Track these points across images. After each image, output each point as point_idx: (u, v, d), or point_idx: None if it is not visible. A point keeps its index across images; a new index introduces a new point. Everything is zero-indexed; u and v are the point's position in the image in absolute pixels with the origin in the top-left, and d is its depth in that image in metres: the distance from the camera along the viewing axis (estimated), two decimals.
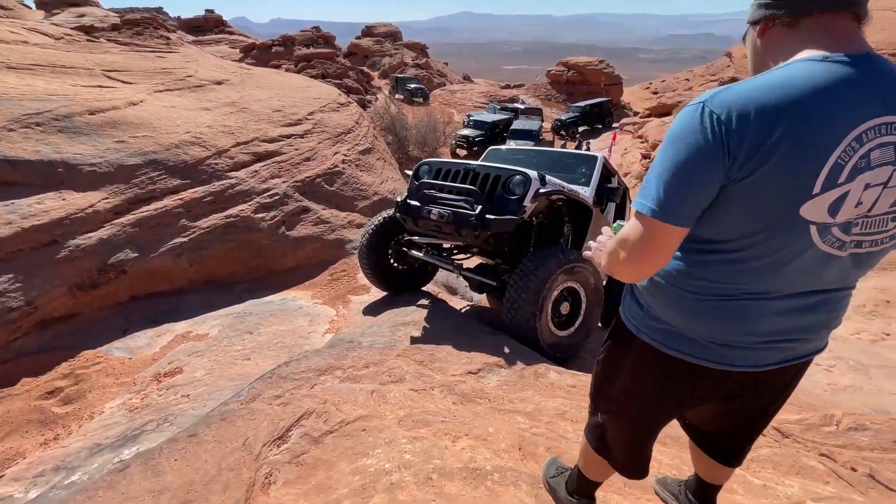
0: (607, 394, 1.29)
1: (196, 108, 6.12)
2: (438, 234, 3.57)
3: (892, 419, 2.49)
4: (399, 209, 3.58)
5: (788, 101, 0.80)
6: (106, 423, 3.00)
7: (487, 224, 3.15)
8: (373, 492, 1.72)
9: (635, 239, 0.94)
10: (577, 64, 43.88)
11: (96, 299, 4.22)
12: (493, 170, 3.46)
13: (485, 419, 2.25)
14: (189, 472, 1.94)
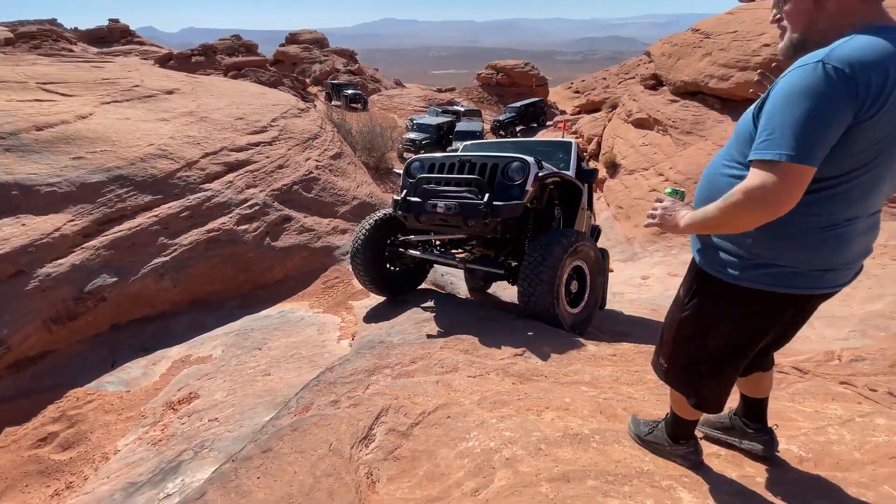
0: (702, 347, 1.37)
1: (153, 120, 5.67)
2: (443, 227, 3.54)
3: (881, 349, 2.91)
4: (400, 206, 3.53)
5: (889, 56, 0.98)
6: (129, 461, 2.73)
7: (497, 211, 3.18)
8: (491, 469, 1.75)
9: (771, 184, 1.04)
10: (505, 67, 45.63)
11: (74, 332, 3.80)
12: (489, 159, 3.47)
13: (554, 392, 2.34)
14: (280, 486, 1.85)
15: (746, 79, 13.15)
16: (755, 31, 13.51)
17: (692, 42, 15.76)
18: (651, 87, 17.83)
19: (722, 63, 13.92)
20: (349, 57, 50.88)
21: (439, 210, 3.31)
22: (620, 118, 18.29)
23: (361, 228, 3.98)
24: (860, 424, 1.95)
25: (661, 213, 1.27)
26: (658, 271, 9.80)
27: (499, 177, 3.37)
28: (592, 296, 3.74)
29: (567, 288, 3.49)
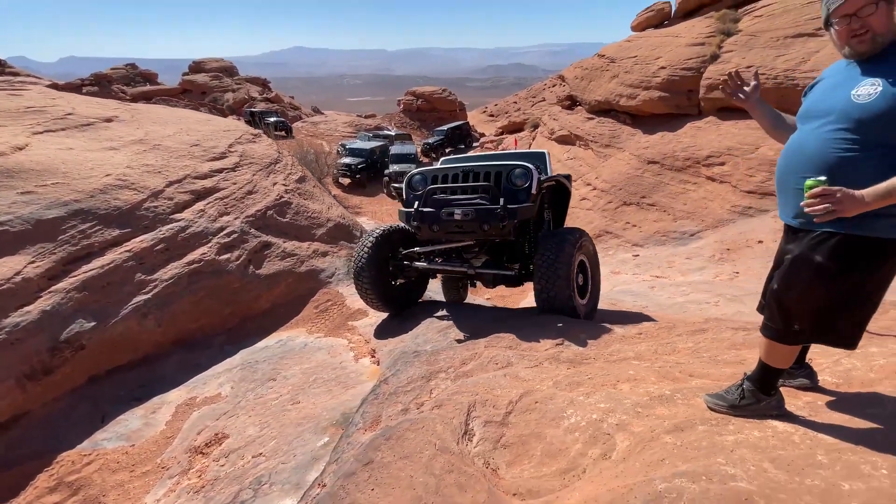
0: (865, 301, 1.51)
1: (100, 149, 5.16)
2: (456, 234, 3.63)
3: None
4: (414, 218, 3.59)
5: None
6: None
7: (514, 213, 3.33)
8: (607, 436, 1.89)
9: None
10: (425, 93, 47.19)
11: (51, 388, 3.32)
12: (491, 167, 3.61)
13: (613, 369, 2.55)
14: (402, 491, 1.83)
15: (650, 97, 14.99)
16: (652, 55, 15.51)
17: (600, 66, 17.63)
18: (568, 108, 19.54)
19: (628, 84, 15.72)
20: (262, 85, 49.28)
21: (457, 217, 3.41)
22: (544, 136, 19.75)
23: (363, 246, 3.92)
24: (861, 354, 2.38)
25: (840, 198, 1.31)
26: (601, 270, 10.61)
27: (504, 183, 3.53)
28: (595, 286, 4.03)
29: (576, 281, 3.68)
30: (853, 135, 1.38)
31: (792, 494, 1.34)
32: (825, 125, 1.45)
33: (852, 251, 1.42)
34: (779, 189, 1.63)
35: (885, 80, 1.32)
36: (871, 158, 1.35)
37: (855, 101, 1.38)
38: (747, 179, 11.61)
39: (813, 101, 1.53)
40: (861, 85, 1.37)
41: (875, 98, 1.34)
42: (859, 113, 1.36)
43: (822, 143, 1.44)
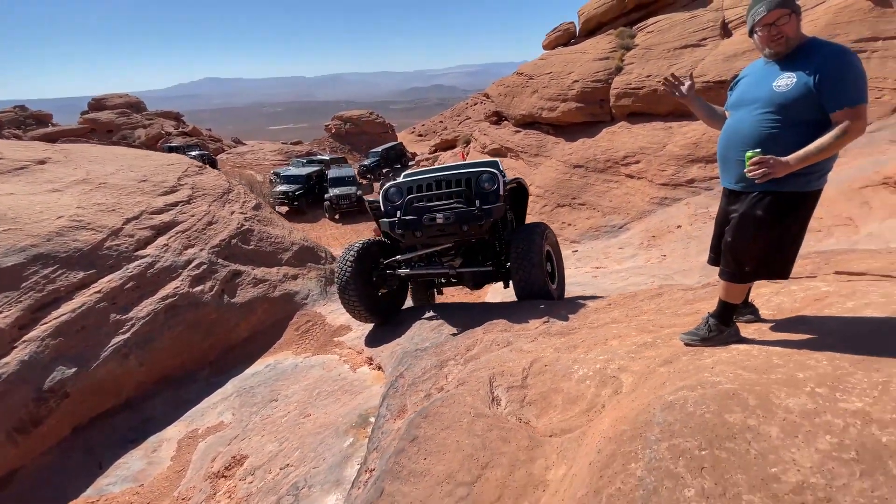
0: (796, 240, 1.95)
1: (43, 192, 4.85)
2: (437, 237, 3.86)
3: None
4: (398, 226, 3.80)
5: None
6: None
7: (489, 212, 3.64)
8: (614, 378, 2.28)
9: (864, 117, 1.76)
10: (352, 117, 47.32)
11: (40, 441, 3.13)
12: (461, 174, 3.96)
13: (600, 332, 2.98)
14: (453, 454, 2.09)
15: (568, 108, 16.42)
16: (565, 70, 17.05)
17: (520, 83, 19.00)
18: (495, 123, 20.72)
19: (548, 97, 17.11)
20: (176, 118, 46.62)
21: (439, 221, 3.67)
22: (477, 150, 20.73)
23: (345, 261, 4.03)
24: (786, 292, 3.00)
25: (773, 164, 1.74)
26: None
27: (475, 187, 3.86)
28: (560, 272, 4.54)
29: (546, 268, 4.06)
30: (777, 116, 1.83)
31: (763, 385, 1.80)
32: (755, 110, 1.90)
33: (782, 205, 1.88)
34: (721, 162, 2.13)
35: (797, 74, 1.79)
36: (792, 133, 1.81)
37: (777, 90, 1.82)
38: (660, 174, 13.11)
39: (742, 92, 2.02)
40: (780, 78, 1.84)
41: (792, 88, 1.78)
42: (781, 99, 1.81)
43: (754, 124, 1.89)
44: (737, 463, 1.45)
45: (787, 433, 1.52)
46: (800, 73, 1.79)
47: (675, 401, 1.79)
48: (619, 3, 17.26)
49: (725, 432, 1.57)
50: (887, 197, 7.93)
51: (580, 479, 1.60)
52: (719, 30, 14.23)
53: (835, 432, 1.49)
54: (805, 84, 1.76)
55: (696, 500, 1.37)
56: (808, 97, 1.76)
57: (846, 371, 1.78)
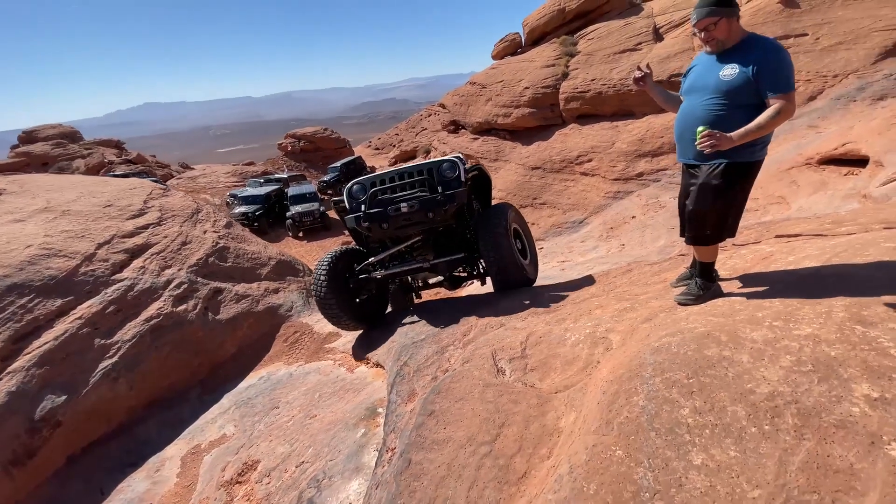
0: (741, 205, 2.35)
1: (5, 223, 4.64)
2: (406, 226, 3.85)
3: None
4: (364, 219, 3.80)
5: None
6: None
7: (452, 198, 3.67)
8: (603, 339, 2.54)
9: (794, 101, 2.11)
10: (306, 134, 46.71)
11: (35, 473, 3.03)
12: (422, 166, 3.95)
13: (583, 305, 3.26)
14: (470, 419, 2.28)
15: (521, 114, 17.12)
16: (516, 78, 17.80)
17: (474, 92, 19.61)
18: (453, 131, 21.22)
19: (502, 105, 17.77)
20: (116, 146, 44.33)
21: (404, 210, 3.68)
22: None
23: (319, 274, 3.98)
24: (737, 256, 3.42)
25: (718, 137, 2.06)
26: None
27: (437, 176, 3.88)
28: (531, 247, 4.61)
29: (515, 246, 4.10)
30: (724, 100, 2.17)
31: (731, 325, 2.10)
32: (704, 96, 2.25)
33: (733, 173, 2.22)
34: (678, 141, 2.46)
35: (739, 66, 2.13)
36: (736, 115, 2.16)
37: (722, 79, 2.16)
38: (611, 170, 13.92)
39: (693, 80, 2.37)
40: (724, 69, 2.18)
41: (735, 77, 2.12)
42: (726, 87, 2.15)
43: (704, 107, 2.25)
44: (719, 384, 1.73)
45: (756, 357, 1.82)
46: (741, 64, 2.13)
47: (661, 346, 2.07)
48: (560, 14, 18.25)
49: (706, 363, 1.85)
50: (811, 175, 8.86)
51: (591, 417, 1.83)
52: (652, 35, 15.38)
53: (793, 352, 1.79)
54: (745, 74, 2.11)
55: (690, 416, 1.63)
56: (748, 85, 2.11)
57: (795, 307, 2.12)
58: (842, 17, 11.76)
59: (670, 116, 15.10)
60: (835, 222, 3.64)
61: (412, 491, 1.97)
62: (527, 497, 1.70)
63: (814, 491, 1.28)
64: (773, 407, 1.57)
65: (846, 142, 8.07)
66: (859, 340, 1.75)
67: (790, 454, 1.39)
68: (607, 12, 17.67)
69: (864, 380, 1.57)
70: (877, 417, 1.43)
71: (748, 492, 1.32)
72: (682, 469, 1.44)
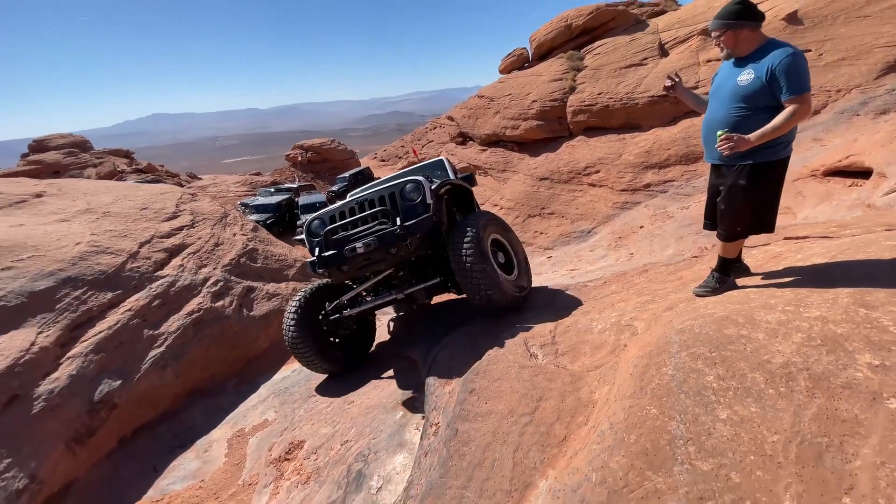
0: (775, 201, 2.47)
1: (52, 222, 4.95)
2: (369, 265, 3.41)
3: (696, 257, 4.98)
4: (319, 265, 3.42)
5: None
6: (298, 502, 2.72)
7: (413, 229, 3.23)
8: (628, 326, 2.77)
9: (808, 102, 2.31)
10: (313, 145, 47.48)
11: (92, 452, 3.26)
12: (383, 190, 3.49)
13: (605, 300, 3.49)
14: (509, 395, 2.51)
15: (529, 126, 17.50)
16: (524, 92, 18.22)
17: (482, 105, 20.04)
18: (461, 143, 21.62)
19: (510, 117, 18.16)
20: (126, 156, 45.15)
21: (360, 251, 3.25)
22: None
23: (288, 319, 3.72)
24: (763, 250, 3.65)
25: (736, 140, 2.24)
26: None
27: (400, 202, 3.41)
28: (520, 259, 3.96)
29: (495, 259, 3.54)
30: (742, 104, 2.35)
31: (747, 310, 2.33)
32: (725, 100, 2.42)
33: (757, 173, 2.38)
34: (705, 143, 2.65)
35: (755, 70, 2.32)
36: (755, 118, 2.31)
37: (739, 84, 2.34)
38: (619, 181, 14.20)
39: (716, 85, 2.57)
40: (741, 74, 2.35)
41: (751, 81, 2.30)
42: (743, 91, 2.33)
43: (725, 111, 2.42)
44: (739, 356, 1.96)
45: (770, 335, 2.05)
46: (757, 69, 2.32)
47: (685, 327, 2.30)
48: (567, 30, 18.74)
49: (726, 340, 2.08)
50: (816, 187, 9.09)
51: (625, 386, 2.06)
52: (657, 50, 15.79)
53: (804, 330, 2.03)
54: (760, 79, 2.30)
55: (715, 381, 1.86)
56: (763, 89, 2.28)
57: (805, 295, 2.35)
58: (844, 34, 12.11)
59: (677, 129, 15.32)
60: (840, 226, 3.88)
61: (462, 455, 2.20)
62: (569, 454, 1.93)
63: (825, 435, 1.50)
64: (788, 373, 1.80)
65: (850, 154, 8.33)
66: (862, 320, 1.98)
67: (803, 409, 1.62)
68: (613, 28, 18.15)
69: (867, 351, 1.80)
70: (878, 380, 1.66)
71: (768, 437, 1.55)
72: (709, 422, 1.67)
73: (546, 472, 1.92)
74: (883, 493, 1.28)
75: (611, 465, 1.63)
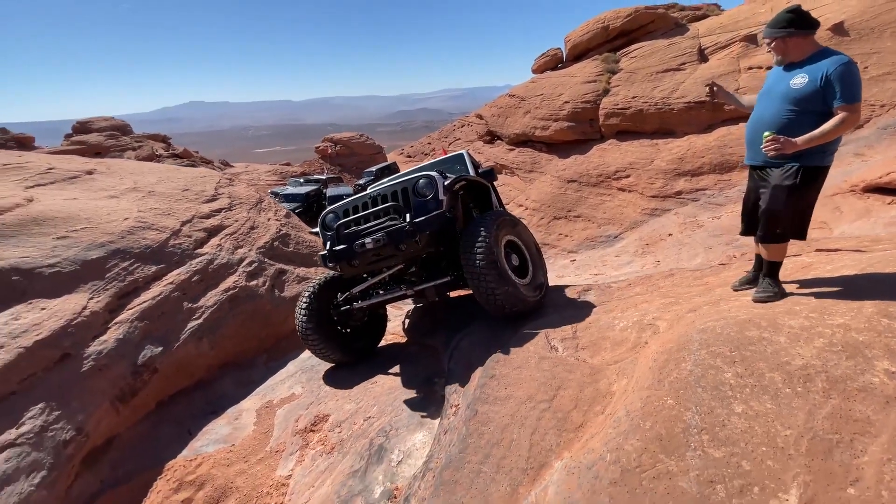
0: (811, 207, 2.52)
1: (102, 198, 5.28)
2: (380, 261, 3.41)
3: (724, 265, 4.90)
4: (329, 259, 3.45)
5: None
6: (318, 471, 2.89)
7: (423, 226, 3.18)
8: (650, 325, 2.82)
9: (858, 112, 2.33)
10: (342, 139, 48.30)
11: (134, 411, 3.51)
12: (396, 185, 3.47)
13: (629, 300, 3.53)
14: (529, 382, 2.60)
15: (560, 127, 17.38)
16: (556, 93, 18.11)
17: (513, 104, 20.01)
18: (489, 142, 21.63)
19: (540, 117, 18.08)
20: (163, 141, 46.89)
21: (369, 246, 3.24)
22: None
23: (300, 308, 3.79)
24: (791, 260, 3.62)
25: (783, 142, 2.28)
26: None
27: (412, 197, 3.38)
28: (533, 260, 3.85)
29: (509, 263, 3.46)
30: (792, 107, 2.38)
31: (771, 315, 2.36)
32: (774, 102, 2.46)
33: (806, 175, 2.40)
34: (749, 145, 2.66)
35: (809, 75, 2.34)
36: (803, 121, 2.34)
37: (792, 87, 2.38)
38: (649, 187, 13.98)
39: (766, 88, 2.59)
40: (794, 77, 2.39)
41: (804, 85, 2.33)
42: (795, 94, 2.37)
43: (775, 112, 2.45)
44: (758, 357, 2.01)
45: (792, 339, 2.08)
46: (811, 74, 2.34)
47: (706, 328, 2.35)
48: (604, 31, 18.51)
49: (747, 341, 2.12)
50: (855, 202, 8.80)
51: (643, 378, 2.13)
52: (697, 55, 15.44)
53: (826, 336, 2.06)
54: (814, 83, 2.32)
55: (733, 378, 1.91)
56: (816, 93, 2.31)
57: (830, 304, 2.37)
58: (890, 48, 11.61)
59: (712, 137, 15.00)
60: (873, 241, 3.82)
61: (480, 434, 2.31)
62: (585, 438, 2.02)
63: (836, 432, 1.55)
64: (806, 375, 1.84)
65: (891, 171, 8.03)
66: (884, 329, 2.00)
67: (818, 408, 1.67)
68: (652, 32, 17.82)
69: (886, 358, 1.83)
70: (893, 385, 1.69)
71: (781, 431, 1.60)
72: (724, 415, 1.73)
73: (562, 454, 2.01)
74: (887, 486, 1.33)
75: (625, 448, 1.71)
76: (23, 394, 2.93)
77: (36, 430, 2.82)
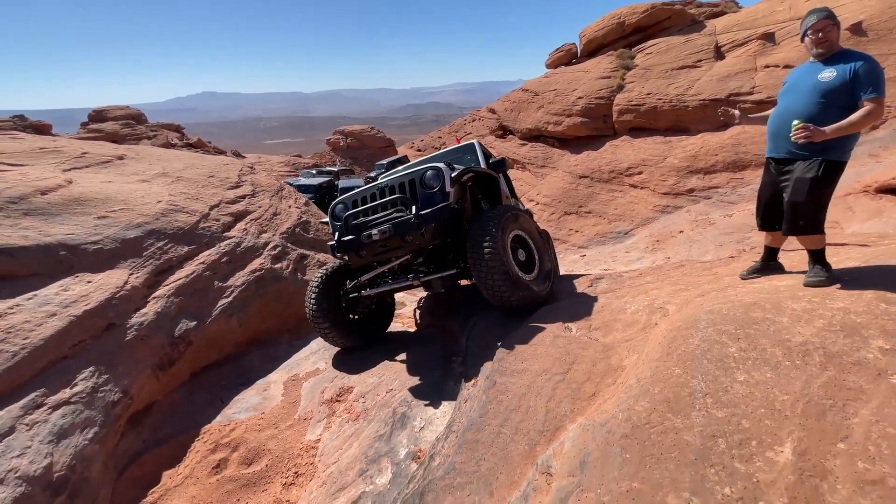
0: (829, 199, 2.58)
1: (135, 182, 5.53)
2: (387, 252, 3.49)
3: (732, 257, 5.01)
4: (337, 249, 3.54)
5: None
6: (345, 436, 3.11)
7: (428, 218, 3.22)
8: (660, 308, 2.99)
9: (883, 106, 2.45)
10: (353, 132, 48.56)
11: (171, 380, 3.76)
12: (404, 177, 3.51)
13: (640, 288, 3.68)
14: (545, 357, 2.78)
15: (573, 122, 17.42)
16: (570, 88, 18.13)
17: (526, 99, 20.06)
18: (501, 136, 21.71)
19: (553, 112, 18.13)
20: (177, 131, 47.54)
21: (375, 237, 3.29)
22: None
23: (310, 294, 3.90)
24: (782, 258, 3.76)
25: (813, 130, 2.37)
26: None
27: (419, 189, 3.40)
28: (541, 256, 3.84)
29: (516, 259, 3.50)
30: (821, 99, 2.49)
31: (775, 298, 2.51)
32: (803, 95, 2.56)
33: (828, 169, 2.51)
34: (772, 137, 2.76)
35: (838, 69, 2.46)
36: (830, 113, 2.46)
37: (821, 80, 2.50)
38: (662, 184, 14.02)
39: (792, 83, 2.71)
40: (823, 72, 2.51)
41: (833, 79, 2.46)
42: (824, 87, 2.48)
43: (802, 104, 2.56)
44: (761, 334, 2.17)
45: (794, 320, 2.24)
46: (839, 69, 2.48)
47: (714, 309, 2.52)
48: (619, 27, 18.46)
49: (752, 321, 2.29)
50: (867, 203, 8.82)
51: (653, 352, 2.30)
52: (713, 53, 15.37)
53: (826, 318, 2.21)
54: (843, 77, 2.46)
55: (736, 352, 2.08)
56: (844, 86, 2.44)
57: (832, 290, 2.52)
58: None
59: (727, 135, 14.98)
60: (880, 236, 3.93)
61: (499, 401, 2.50)
62: (598, 403, 2.20)
63: (830, 398, 1.72)
64: (805, 350, 2.00)
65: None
66: (881, 313, 2.15)
67: (814, 378, 1.83)
68: (668, 28, 17.74)
69: (881, 338, 1.98)
70: (886, 360, 1.84)
71: (779, 396, 1.77)
72: (727, 382, 1.90)
73: (576, 419, 2.20)
74: (874, 441, 1.50)
75: (636, 408, 1.89)
76: (74, 358, 3.18)
77: (88, 390, 3.06)
